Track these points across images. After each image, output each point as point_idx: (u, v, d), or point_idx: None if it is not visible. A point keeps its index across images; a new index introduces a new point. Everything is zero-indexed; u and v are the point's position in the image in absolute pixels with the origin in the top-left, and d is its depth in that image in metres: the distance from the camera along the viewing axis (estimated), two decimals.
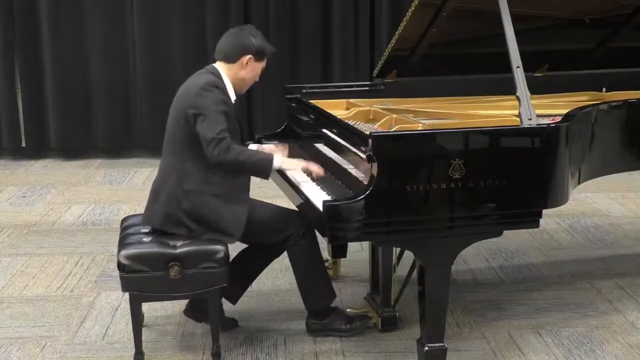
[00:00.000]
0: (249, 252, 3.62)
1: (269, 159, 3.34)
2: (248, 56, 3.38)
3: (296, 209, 3.49)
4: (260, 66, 3.45)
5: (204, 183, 3.30)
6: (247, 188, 3.42)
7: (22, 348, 3.55)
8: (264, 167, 3.32)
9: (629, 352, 3.49)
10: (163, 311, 3.86)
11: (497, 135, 3.07)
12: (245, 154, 3.30)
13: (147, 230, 3.41)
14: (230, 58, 3.40)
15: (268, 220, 3.43)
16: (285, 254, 3.53)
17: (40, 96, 7.21)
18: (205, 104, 3.25)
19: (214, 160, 3.22)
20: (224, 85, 3.37)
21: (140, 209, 3.61)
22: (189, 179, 3.31)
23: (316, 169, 3.37)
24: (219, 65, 3.42)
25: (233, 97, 3.42)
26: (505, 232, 3.13)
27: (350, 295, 4.05)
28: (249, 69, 3.41)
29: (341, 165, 3.38)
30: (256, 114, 7.37)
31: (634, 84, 4.11)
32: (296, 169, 3.43)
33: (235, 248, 3.52)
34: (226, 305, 3.67)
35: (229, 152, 3.21)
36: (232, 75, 3.40)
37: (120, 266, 3.24)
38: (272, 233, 3.45)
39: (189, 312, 3.65)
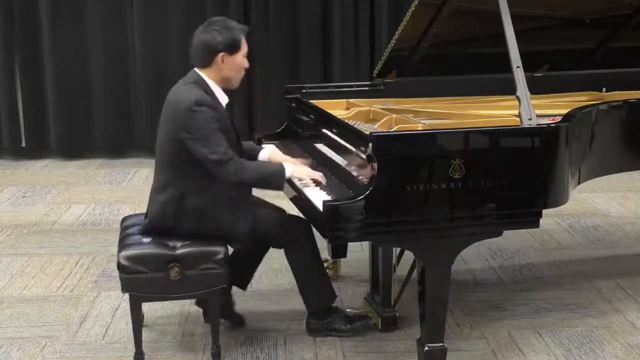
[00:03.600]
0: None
1: (280, 171, 3.29)
2: (220, 54, 3.25)
3: (296, 210, 3.49)
4: (239, 56, 3.29)
5: (205, 197, 3.27)
6: (247, 195, 3.39)
7: (22, 348, 3.55)
8: (277, 180, 3.29)
9: (629, 352, 3.49)
10: (163, 311, 3.86)
11: (497, 135, 3.07)
12: (257, 171, 3.30)
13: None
14: (205, 62, 3.27)
15: (269, 227, 3.41)
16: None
17: (40, 96, 7.22)
18: (197, 126, 3.15)
19: (228, 181, 3.19)
20: (213, 97, 3.26)
21: (140, 209, 3.61)
22: (190, 196, 3.27)
23: (322, 179, 3.31)
24: (200, 72, 3.30)
25: (225, 101, 3.34)
26: (505, 232, 3.13)
27: (350, 295, 4.05)
28: (229, 66, 3.27)
29: (341, 165, 3.38)
30: (256, 114, 7.37)
31: (634, 84, 4.11)
32: (305, 178, 3.34)
33: None
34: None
35: (240, 171, 3.19)
36: (215, 77, 3.29)
37: (120, 267, 3.23)
38: (273, 238, 3.46)
39: (200, 302, 3.66)
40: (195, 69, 3.33)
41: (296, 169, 3.36)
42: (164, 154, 3.33)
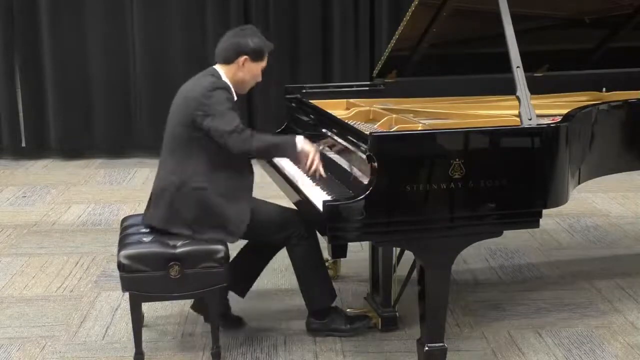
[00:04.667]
0: (252, 246, 3.63)
1: (292, 140, 3.32)
2: (244, 57, 3.37)
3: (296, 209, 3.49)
4: (258, 66, 3.42)
5: (208, 182, 3.31)
6: (250, 188, 3.42)
7: (22, 348, 3.55)
8: (289, 148, 3.31)
9: (629, 352, 3.49)
10: (163, 311, 3.86)
11: (497, 135, 3.07)
12: (269, 138, 3.38)
13: (147, 230, 3.41)
14: (227, 60, 3.40)
15: (270, 220, 3.43)
16: (285, 253, 3.53)
17: (40, 96, 7.22)
18: (213, 103, 3.26)
19: (240, 149, 3.24)
20: (227, 85, 3.37)
21: (140, 209, 3.61)
22: (194, 178, 3.31)
23: (320, 166, 3.30)
24: (218, 67, 3.42)
25: (234, 98, 3.42)
26: (505, 232, 3.13)
27: (350, 295, 4.05)
28: (246, 70, 3.40)
29: (341, 165, 3.38)
30: (256, 114, 7.37)
31: (634, 84, 4.11)
32: (310, 157, 3.28)
33: (236, 246, 3.54)
34: (232, 303, 3.68)
35: (253, 138, 3.25)
36: (231, 76, 3.40)
37: (120, 266, 3.24)
38: (274, 233, 3.46)
39: (196, 307, 3.67)
40: (215, 66, 3.43)
41: (307, 142, 3.33)
42: (173, 140, 3.38)
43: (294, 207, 3.51)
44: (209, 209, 3.31)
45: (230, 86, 3.39)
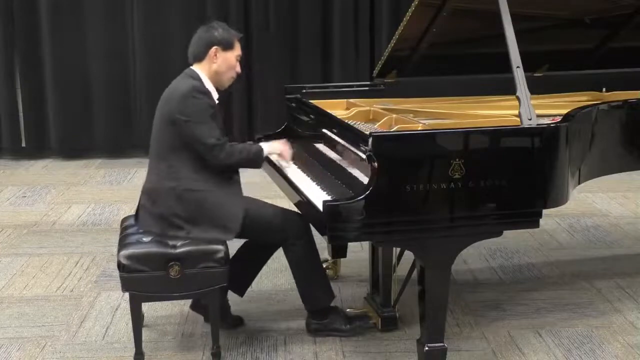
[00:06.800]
0: (250, 245, 3.64)
1: (260, 151, 3.49)
2: (214, 48, 3.41)
3: (296, 209, 3.49)
4: (231, 55, 3.46)
5: (195, 182, 3.34)
6: (237, 179, 3.47)
7: (22, 348, 3.55)
8: (258, 159, 3.49)
9: (629, 352, 3.49)
10: (163, 311, 3.87)
11: (497, 135, 3.07)
12: (244, 152, 3.43)
13: None
14: (199, 56, 3.45)
15: (268, 221, 3.44)
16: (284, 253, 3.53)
17: (41, 96, 7.22)
18: (195, 111, 3.30)
19: (218, 163, 3.33)
20: (207, 88, 3.40)
21: None
22: (181, 181, 3.34)
23: (289, 148, 3.59)
24: (195, 67, 3.46)
25: (216, 96, 3.45)
26: (505, 232, 3.13)
27: (350, 295, 4.05)
28: (220, 61, 3.43)
29: (341, 165, 3.38)
30: (256, 114, 7.38)
31: (634, 84, 4.11)
32: (277, 151, 3.59)
33: (235, 245, 3.54)
34: (232, 303, 3.68)
35: (232, 154, 3.35)
36: (207, 72, 3.44)
37: (120, 266, 3.24)
38: (271, 233, 3.46)
39: (195, 306, 3.67)
40: (191, 67, 3.47)
41: (269, 146, 3.59)
42: (160, 144, 3.41)
43: (293, 207, 3.51)
44: (203, 209, 3.33)
45: (211, 89, 3.42)
